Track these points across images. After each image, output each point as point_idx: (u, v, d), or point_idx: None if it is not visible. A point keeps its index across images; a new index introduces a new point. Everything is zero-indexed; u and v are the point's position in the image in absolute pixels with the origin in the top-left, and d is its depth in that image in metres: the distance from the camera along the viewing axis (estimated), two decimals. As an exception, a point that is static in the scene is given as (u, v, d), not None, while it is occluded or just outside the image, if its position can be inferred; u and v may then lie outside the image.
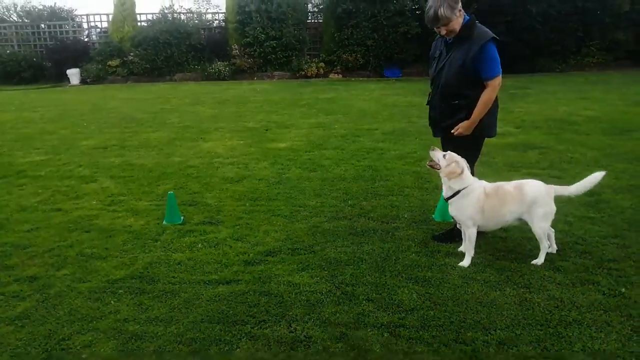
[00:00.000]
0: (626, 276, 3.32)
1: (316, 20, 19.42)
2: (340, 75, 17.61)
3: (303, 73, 17.55)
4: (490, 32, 3.63)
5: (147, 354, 2.68)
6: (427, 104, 4.11)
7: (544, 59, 16.69)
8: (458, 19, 3.60)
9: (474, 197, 3.54)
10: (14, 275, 3.64)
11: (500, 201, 3.53)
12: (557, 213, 4.40)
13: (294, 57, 17.96)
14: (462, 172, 3.54)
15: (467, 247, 3.57)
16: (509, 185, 3.59)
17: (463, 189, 3.55)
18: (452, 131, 3.78)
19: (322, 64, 17.82)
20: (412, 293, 3.18)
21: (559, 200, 4.74)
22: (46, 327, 2.97)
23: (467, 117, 3.71)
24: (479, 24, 3.68)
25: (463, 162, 3.58)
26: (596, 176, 3.49)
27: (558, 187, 3.59)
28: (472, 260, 3.55)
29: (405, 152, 6.74)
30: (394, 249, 3.85)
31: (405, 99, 11.66)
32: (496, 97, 3.76)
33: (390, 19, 16.70)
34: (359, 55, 17.39)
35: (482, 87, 3.66)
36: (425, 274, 3.42)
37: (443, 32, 3.66)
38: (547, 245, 3.57)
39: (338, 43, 17.60)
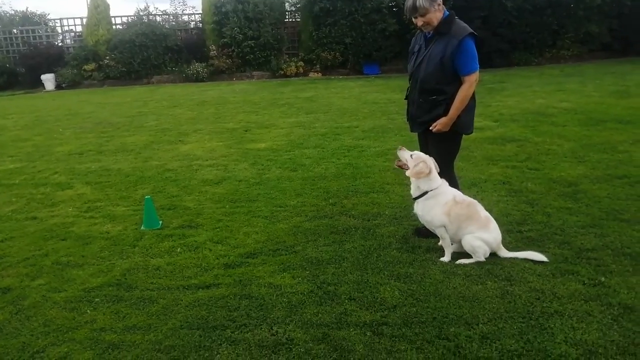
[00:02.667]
0: (605, 265, 3.35)
1: (294, 19, 19.32)
2: (319, 74, 17.56)
3: (282, 72, 17.46)
4: (469, 27, 3.63)
5: (125, 364, 2.61)
6: (405, 99, 4.10)
7: (520, 53, 16.87)
8: (436, 13, 3.59)
9: (441, 200, 3.54)
10: (-14, 287, 3.53)
11: (467, 215, 3.49)
12: (535, 205, 4.48)
13: (272, 57, 17.86)
14: (429, 172, 3.53)
15: (444, 244, 3.57)
16: (483, 210, 3.55)
17: (431, 190, 3.55)
18: (430, 128, 3.77)
19: (301, 63, 17.75)
20: (394, 290, 3.16)
21: (536, 191, 4.80)
22: (20, 339, 2.88)
23: (445, 113, 3.69)
24: (459, 20, 3.67)
25: (431, 161, 3.58)
26: (534, 255, 3.48)
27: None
28: (452, 255, 3.55)
29: (386, 149, 6.73)
30: (375, 246, 3.83)
31: (385, 96, 11.67)
32: (474, 94, 3.76)
33: (368, 17, 16.70)
34: (337, 54, 17.36)
35: (460, 83, 3.65)
36: (407, 270, 3.40)
37: (420, 22, 3.65)
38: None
39: (316, 42, 17.55)
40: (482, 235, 3.41)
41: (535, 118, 8.20)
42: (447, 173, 3.80)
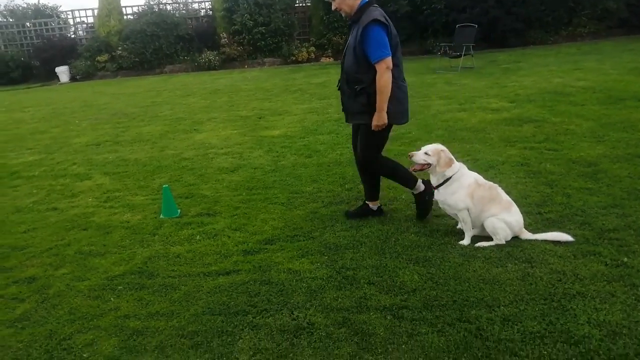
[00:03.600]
0: (627, 245, 3.30)
1: (304, 4, 19.15)
2: (331, 59, 17.44)
3: (294, 58, 17.37)
4: (380, 14, 3.52)
5: (149, 350, 2.66)
6: (338, 89, 4.01)
7: (536, 32, 16.54)
8: (347, 0, 3.60)
9: (464, 182, 3.52)
10: (12, 277, 3.61)
11: (489, 198, 3.47)
12: (555, 186, 4.42)
13: (283, 43, 17.76)
14: (452, 157, 3.55)
15: (465, 227, 3.55)
16: (504, 193, 3.53)
17: (453, 174, 3.54)
18: (372, 128, 3.70)
19: (312, 48, 17.64)
20: (413, 274, 3.16)
21: (555, 172, 4.73)
22: (47, 327, 2.95)
23: (368, 102, 3.63)
24: (374, 7, 3.60)
25: (444, 147, 3.59)
26: (559, 236, 3.43)
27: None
28: (471, 238, 3.53)
29: (400, 133, 6.67)
30: (392, 230, 3.82)
31: (398, 79, 11.54)
32: (400, 82, 3.70)
33: (379, -1, 16.49)
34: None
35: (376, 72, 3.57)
36: (425, 254, 3.40)
37: (333, 7, 3.69)
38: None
39: (327, 26, 17.40)
40: (505, 217, 3.39)
41: (552, 98, 8.05)
42: (375, 163, 3.86)
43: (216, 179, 5.47)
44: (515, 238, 3.48)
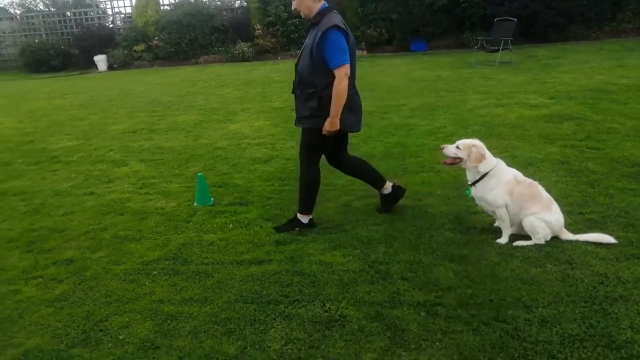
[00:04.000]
0: (674, 250, 3.16)
1: (339, -4, 19.02)
2: (364, 52, 17.27)
3: (327, 51, 17.28)
4: (339, 21, 3.47)
5: (183, 335, 2.69)
6: (292, 92, 3.92)
7: (577, 27, 15.96)
8: (307, 2, 3.53)
9: (503, 178, 3.42)
10: (51, 258, 3.72)
11: (529, 196, 3.37)
12: (597, 185, 4.27)
13: (317, 35, 17.70)
14: (485, 153, 3.43)
15: (502, 225, 3.46)
16: (544, 192, 3.43)
17: (490, 170, 3.43)
18: (323, 133, 3.61)
19: (346, 41, 17.51)
20: (448, 271, 3.10)
21: (597, 171, 4.56)
22: (84, 308, 3.03)
23: (319, 106, 3.55)
24: (334, 13, 3.54)
25: (480, 142, 3.48)
26: (601, 237, 3.30)
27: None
28: (509, 237, 3.44)
29: (435, 127, 6.58)
30: (427, 226, 3.76)
31: (433, 73, 11.37)
32: (356, 92, 3.65)
33: (415, -9, 16.23)
34: (383, 30, 17.01)
35: (332, 77, 3.48)
36: (461, 252, 3.33)
37: (293, 6, 3.65)
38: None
39: (362, 18, 17.23)
40: (545, 216, 3.29)
41: (594, 95, 7.77)
42: (307, 167, 3.80)
43: (249, 169, 5.50)
44: (555, 238, 3.38)
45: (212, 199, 4.61)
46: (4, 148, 7.28)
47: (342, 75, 3.44)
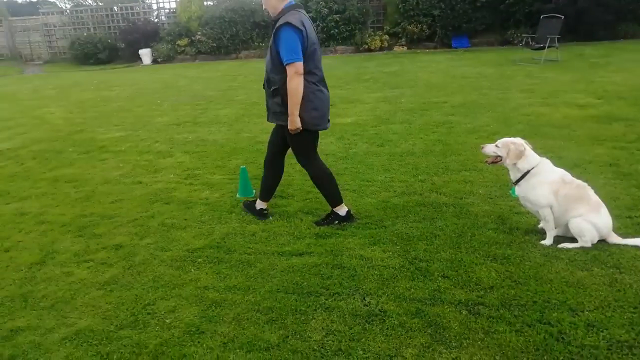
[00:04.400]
0: None
1: (380, -8, 18.90)
2: (405, 48, 17.12)
3: (366, 47, 17.22)
4: (296, 19, 3.45)
5: (227, 321, 2.78)
6: (263, 88, 3.92)
7: (628, 25, 15.34)
8: (271, 1, 3.57)
9: (547, 178, 3.34)
10: (101, 243, 3.89)
11: (577, 197, 3.29)
12: (648, 189, 4.12)
13: (357, 31, 17.65)
14: (524, 149, 3.36)
15: (546, 227, 3.39)
16: (593, 194, 3.34)
17: (532, 168, 3.36)
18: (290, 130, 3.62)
19: (386, 37, 17.39)
20: (490, 271, 3.07)
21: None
22: (132, 292, 3.15)
23: (282, 103, 3.56)
24: (295, 12, 3.53)
25: (521, 140, 3.41)
26: None
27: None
28: (554, 239, 3.38)
29: (478, 126, 6.48)
30: (469, 225, 3.73)
31: (475, 70, 11.17)
32: (316, 88, 3.60)
33: (459, -13, 15.95)
34: (424, 26, 16.81)
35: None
36: (504, 252, 3.29)
37: (263, 6, 3.70)
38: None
39: (403, 14, 17.07)
40: (593, 219, 3.21)
41: (646, 96, 7.49)
42: (309, 166, 3.86)
43: (288, 163, 5.48)
44: (601, 241, 3.29)
45: (254, 191, 4.70)
46: (56, 137, 7.61)
47: (292, 72, 3.46)
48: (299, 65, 3.46)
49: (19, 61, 21.86)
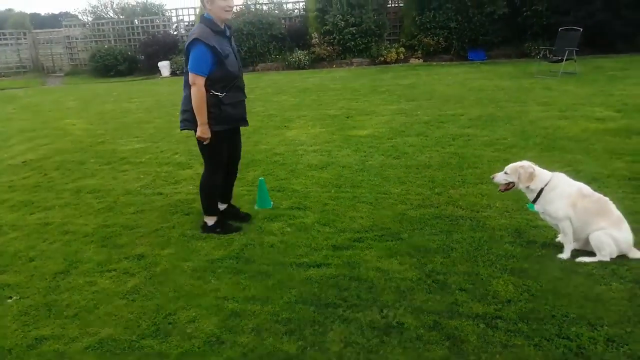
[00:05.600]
0: None
1: (396, 5, 19.02)
2: (421, 60, 17.18)
3: (382, 59, 17.31)
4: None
5: (247, 332, 2.82)
6: (244, 95, 4.32)
7: (648, 37, 15.21)
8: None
9: (564, 191, 3.36)
10: (123, 253, 3.97)
11: (596, 211, 3.30)
12: (669, 204, 4.08)
13: (373, 43, 17.77)
14: (533, 170, 3.42)
15: (565, 240, 3.39)
16: (615, 209, 3.34)
17: (545, 185, 3.41)
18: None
19: (402, 49, 17.47)
20: (507, 284, 3.08)
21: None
22: (154, 302, 3.22)
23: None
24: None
25: (528, 163, 3.48)
26: None
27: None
28: (572, 252, 3.37)
29: (495, 139, 6.48)
30: (485, 238, 3.74)
31: (492, 83, 11.17)
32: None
33: (475, 0, 15.98)
34: (441, 39, 16.86)
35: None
36: (521, 265, 3.29)
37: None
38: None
39: (419, 27, 17.16)
40: (614, 233, 3.20)
41: (666, 109, 7.41)
42: (206, 171, 4.19)
43: (306, 175, 5.63)
44: (621, 256, 3.28)
45: (272, 202, 4.76)
46: (78, 148, 7.78)
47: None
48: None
49: (41, 73, 22.42)
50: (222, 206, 4.43)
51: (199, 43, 3.74)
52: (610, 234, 3.21)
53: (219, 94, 3.90)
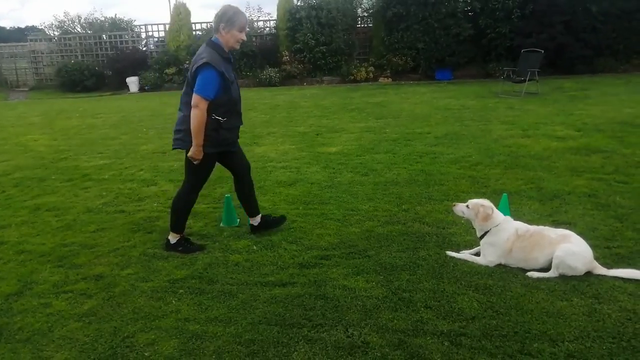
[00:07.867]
0: None
1: (366, 25, 19.36)
2: (390, 79, 17.47)
3: (352, 78, 17.53)
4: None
5: (208, 354, 2.74)
6: (241, 121, 4.36)
7: (605, 59, 15.90)
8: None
9: (503, 236, 3.52)
10: (81, 273, 3.82)
11: (533, 244, 3.43)
12: (625, 220, 4.21)
13: (343, 62, 18.00)
14: (491, 212, 3.58)
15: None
16: (552, 232, 3.48)
17: (494, 227, 3.58)
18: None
19: (371, 68, 17.75)
20: (472, 301, 3.09)
21: (625, 205, 4.49)
22: (111, 324, 3.09)
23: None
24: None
25: (489, 203, 3.62)
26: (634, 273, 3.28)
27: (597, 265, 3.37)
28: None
29: (460, 156, 6.59)
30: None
31: (458, 102, 11.42)
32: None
33: (442, 21, 16.41)
34: (409, 59, 17.21)
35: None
36: (485, 282, 3.32)
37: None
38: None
39: (388, 47, 17.49)
40: (559, 251, 3.29)
41: (622, 128, 7.70)
42: (186, 187, 4.17)
43: (274, 192, 5.58)
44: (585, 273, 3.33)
45: (238, 220, 4.69)
46: (39, 164, 7.54)
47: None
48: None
49: (4, 87, 21.76)
50: (255, 221, 4.37)
51: (210, 67, 3.70)
52: (559, 255, 3.28)
53: (219, 118, 3.87)
